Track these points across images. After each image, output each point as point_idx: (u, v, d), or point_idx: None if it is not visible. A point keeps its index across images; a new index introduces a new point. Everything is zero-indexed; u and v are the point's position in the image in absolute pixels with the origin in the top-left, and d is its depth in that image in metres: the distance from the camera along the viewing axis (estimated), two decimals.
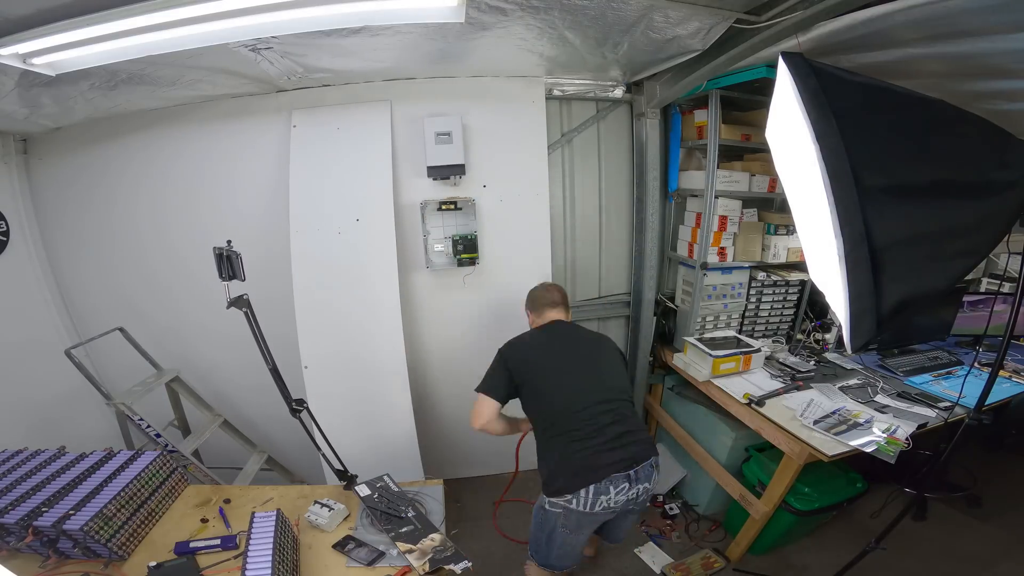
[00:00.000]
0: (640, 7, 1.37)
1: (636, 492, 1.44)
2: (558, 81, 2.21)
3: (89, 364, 2.13)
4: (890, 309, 1.24)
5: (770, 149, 1.44)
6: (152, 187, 2.18)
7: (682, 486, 2.58)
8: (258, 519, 1.33)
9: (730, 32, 1.48)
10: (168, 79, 1.73)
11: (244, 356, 1.75)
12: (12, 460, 1.52)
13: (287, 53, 1.63)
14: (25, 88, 1.57)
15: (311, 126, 2.06)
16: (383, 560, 1.34)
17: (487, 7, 1.36)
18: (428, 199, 2.15)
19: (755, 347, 2.23)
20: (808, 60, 1.24)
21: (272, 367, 1.49)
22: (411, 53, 1.77)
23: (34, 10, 1.15)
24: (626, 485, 1.41)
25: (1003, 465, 2.54)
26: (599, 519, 1.48)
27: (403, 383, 2.13)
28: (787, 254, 2.38)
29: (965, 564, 2.05)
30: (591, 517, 1.45)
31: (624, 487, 1.41)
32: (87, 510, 1.27)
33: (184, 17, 1.20)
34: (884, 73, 1.38)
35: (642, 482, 1.44)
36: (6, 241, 2.11)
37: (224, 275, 1.37)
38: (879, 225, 1.21)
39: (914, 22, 1.20)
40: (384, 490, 1.58)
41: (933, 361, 2.31)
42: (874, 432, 1.72)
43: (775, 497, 1.90)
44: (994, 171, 1.30)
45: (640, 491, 1.45)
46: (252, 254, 1.55)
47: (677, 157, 2.41)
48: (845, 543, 2.07)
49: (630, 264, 2.62)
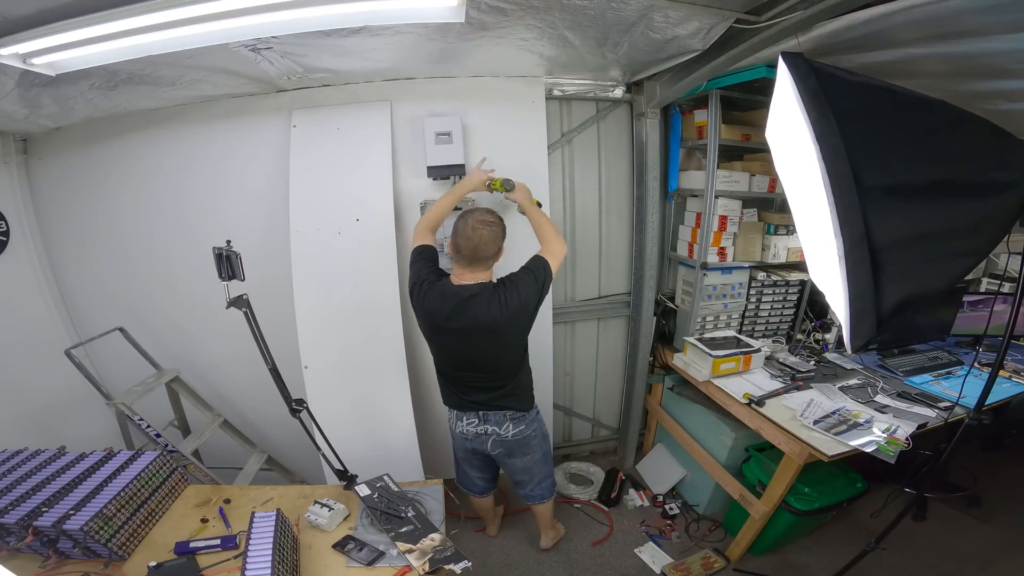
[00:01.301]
0: (640, 7, 1.36)
1: (486, 431, 1.80)
2: (558, 81, 2.21)
3: (89, 364, 2.13)
4: (890, 309, 1.24)
5: (770, 149, 1.44)
6: (152, 187, 2.18)
7: (682, 486, 2.59)
8: (258, 519, 1.33)
9: (730, 32, 1.48)
10: (168, 79, 1.73)
11: (244, 356, 1.75)
12: (12, 460, 1.52)
13: (287, 53, 1.63)
14: (25, 88, 1.57)
15: (311, 126, 2.06)
16: (383, 560, 1.34)
17: (487, 7, 1.36)
18: (428, 199, 2.15)
19: (755, 347, 2.23)
20: (808, 60, 1.24)
21: (272, 367, 1.49)
22: (411, 53, 1.77)
23: (34, 10, 1.15)
24: (475, 420, 1.79)
25: (1003, 465, 2.54)
26: (463, 442, 1.89)
27: (403, 383, 2.13)
28: (787, 254, 2.38)
29: (965, 564, 2.05)
30: (457, 437, 1.90)
31: (475, 421, 1.80)
32: (87, 510, 1.27)
33: (184, 17, 1.20)
34: (884, 73, 1.38)
35: (491, 423, 1.78)
36: (6, 241, 2.11)
37: (224, 275, 1.37)
38: (879, 225, 1.21)
39: (914, 22, 1.20)
40: (384, 490, 1.59)
41: (933, 361, 2.31)
42: (874, 432, 1.72)
43: (775, 497, 1.90)
44: (994, 171, 1.30)
45: (490, 431, 1.79)
46: (252, 254, 1.55)
47: (677, 157, 2.41)
48: (845, 543, 2.07)
49: (630, 264, 2.62)
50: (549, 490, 2.06)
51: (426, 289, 1.62)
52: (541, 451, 1.94)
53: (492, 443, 1.83)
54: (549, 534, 2.24)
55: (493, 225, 1.56)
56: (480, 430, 1.81)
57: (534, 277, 1.60)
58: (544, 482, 2.02)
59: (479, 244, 1.54)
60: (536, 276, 1.60)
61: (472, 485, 2.11)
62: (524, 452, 1.87)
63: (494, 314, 1.55)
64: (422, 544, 1.37)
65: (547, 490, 2.05)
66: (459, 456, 2.02)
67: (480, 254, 1.55)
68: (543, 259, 1.63)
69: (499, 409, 1.77)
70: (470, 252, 1.55)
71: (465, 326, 1.58)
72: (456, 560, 1.32)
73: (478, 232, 1.53)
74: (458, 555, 1.34)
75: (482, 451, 1.88)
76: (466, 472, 2.06)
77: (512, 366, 1.73)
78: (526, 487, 2.02)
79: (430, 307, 1.61)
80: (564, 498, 2.59)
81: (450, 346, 1.69)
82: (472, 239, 1.53)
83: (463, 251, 1.56)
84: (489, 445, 1.83)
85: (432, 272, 1.66)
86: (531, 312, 1.61)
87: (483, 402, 1.76)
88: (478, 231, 1.53)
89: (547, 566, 2.19)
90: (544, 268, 1.61)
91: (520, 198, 1.87)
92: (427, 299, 1.61)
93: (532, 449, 1.89)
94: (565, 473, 2.77)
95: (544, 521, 2.19)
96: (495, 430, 1.79)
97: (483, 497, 2.17)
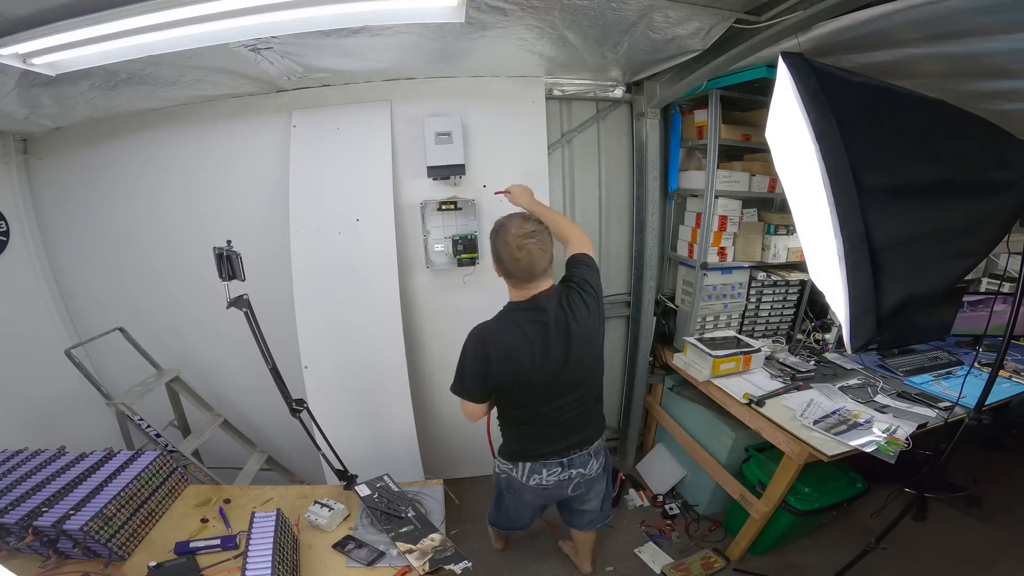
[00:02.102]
0: (640, 7, 1.36)
1: (569, 476, 1.59)
2: (558, 81, 2.21)
3: (89, 364, 2.13)
4: (890, 309, 1.24)
5: (770, 149, 1.44)
6: (152, 187, 2.18)
7: (682, 486, 2.59)
8: (258, 519, 1.33)
9: (730, 32, 1.48)
10: (168, 79, 1.73)
11: (244, 356, 1.76)
12: (12, 460, 1.52)
13: (287, 53, 1.63)
14: (25, 88, 1.57)
15: (311, 126, 2.06)
16: (383, 560, 1.34)
17: (487, 7, 1.36)
18: (428, 199, 2.15)
19: (755, 347, 2.23)
20: (808, 60, 1.24)
21: (272, 367, 1.49)
22: (411, 53, 1.77)
23: (34, 10, 1.15)
24: (559, 469, 1.58)
25: (1003, 465, 2.54)
26: (537, 493, 1.63)
27: (403, 383, 2.13)
28: (787, 254, 2.38)
29: (965, 564, 2.05)
30: (529, 489, 1.62)
31: (557, 470, 1.58)
32: (87, 510, 1.27)
33: (184, 17, 1.20)
34: (884, 73, 1.38)
35: (576, 467, 1.58)
36: (6, 241, 2.11)
37: (224, 275, 1.37)
38: (879, 225, 1.21)
39: (914, 22, 1.20)
40: (384, 490, 1.59)
41: (933, 361, 2.31)
42: (874, 432, 1.72)
43: (775, 497, 1.90)
44: (994, 171, 1.30)
45: (574, 475, 1.59)
46: (252, 254, 1.55)
47: (677, 157, 2.41)
48: (845, 543, 2.07)
49: (630, 264, 2.62)
50: (608, 512, 1.87)
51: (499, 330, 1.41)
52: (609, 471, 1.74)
53: (574, 487, 1.62)
54: (590, 558, 2.06)
55: (536, 234, 1.36)
56: (563, 476, 1.58)
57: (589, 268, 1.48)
58: (607, 502, 1.84)
59: (532, 260, 1.35)
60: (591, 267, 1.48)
61: (523, 524, 1.89)
62: (601, 480, 1.70)
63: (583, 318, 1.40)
64: (422, 544, 1.37)
65: (607, 512, 1.86)
66: (518, 505, 1.75)
67: (537, 270, 1.37)
68: (586, 255, 1.50)
69: (587, 446, 1.58)
70: (526, 272, 1.36)
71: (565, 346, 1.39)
72: (456, 560, 1.32)
73: (525, 249, 1.34)
74: (458, 555, 1.34)
75: (557, 498, 1.69)
76: (523, 515, 1.83)
77: (601, 377, 1.57)
78: (589, 516, 1.80)
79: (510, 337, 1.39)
80: None
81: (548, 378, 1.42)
82: (522, 259, 1.34)
83: (516, 274, 1.37)
84: (570, 489, 1.63)
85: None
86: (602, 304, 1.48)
87: (573, 443, 1.56)
88: (525, 247, 1.34)
89: (547, 566, 2.19)
90: (591, 262, 1.49)
91: (524, 202, 1.79)
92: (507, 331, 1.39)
93: (607, 476, 1.72)
94: None
95: (589, 547, 2.01)
96: (580, 472, 1.59)
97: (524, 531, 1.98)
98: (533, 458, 1.56)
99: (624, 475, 2.71)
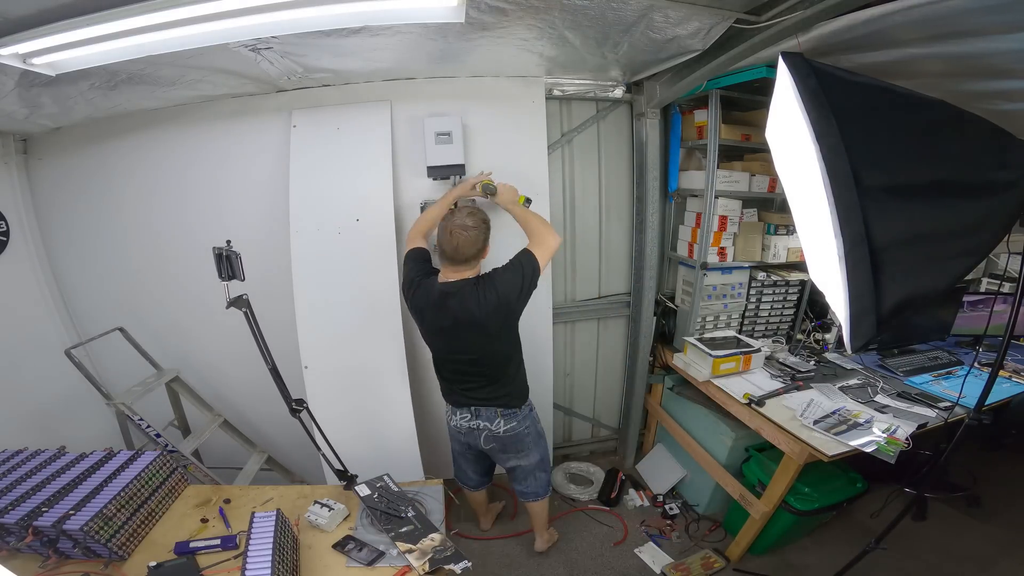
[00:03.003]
0: (640, 7, 1.36)
1: (478, 426, 1.84)
2: (558, 81, 2.21)
3: (89, 364, 2.13)
4: (890, 309, 1.24)
5: (770, 149, 1.44)
6: (152, 187, 2.18)
7: (682, 486, 2.59)
8: (258, 519, 1.33)
9: (730, 32, 1.48)
10: (168, 79, 1.73)
11: (244, 356, 1.75)
12: (12, 460, 1.52)
13: (287, 53, 1.63)
14: (25, 88, 1.57)
15: (311, 126, 2.06)
16: (383, 560, 1.34)
17: (487, 7, 1.36)
18: (428, 199, 2.15)
19: (755, 347, 2.23)
20: (808, 60, 1.24)
21: (272, 367, 1.49)
22: (411, 53, 1.77)
23: (34, 10, 1.15)
24: (468, 415, 1.85)
25: (1003, 465, 2.54)
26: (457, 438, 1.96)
27: (403, 383, 2.13)
28: (787, 254, 2.38)
29: (965, 564, 2.05)
30: (452, 432, 1.97)
31: (467, 416, 1.85)
32: (87, 510, 1.27)
33: (184, 17, 1.20)
34: (884, 73, 1.38)
35: (483, 419, 1.83)
36: (6, 241, 2.11)
37: (224, 275, 1.37)
38: (879, 225, 1.21)
39: (914, 22, 1.20)
40: (384, 490, 1.59)
41: (933, 361, 2.31)
42: (874, 432, 1.72)
43: (775, 497, 1.90)
44: (994, 171, 1.29)
45: (482, 426, 1.84)
46: (252, 254, 1.55)
47: (677, 157, 2.41)
48: (845, 543, 2.07)
49: (630, 264, 2.62)
50: (543, 488, 2.07)
51: (415, 288, 1.72)
52: (535, 448, 1.96)
53: (484, 438, 1.86)
54: (544, 536, 2.23)
55: (471, 229, 1.62)
56: (472, 425, 1.85)
57: (519, 271, 1.63)
58: (538, 480, 2.03)
59: (459, 246, 1.61)
60: (521, 270, 1.63)
61: (467, 479, 2.16)
62: (517, 449, 1.90)
63: (471, 309, 1.61)
64: (422, 544, 1.37)
65: (541, 488, 2.06)
66: (455, 450, 2.08)
67: (461, 255, 1.62)
68: (529, 252, 1.67)
69: (491, 405, 1.81)
70: (452, 253, 1.63)
71: (449, 323, 1.66)
72: (456, 560, 1.32)
73: (456, 236, 1.60)
74: (458, 555, 1.34)
75: (475, 446, 1.92)
76: (461, 466, 2.12)
77: (502, 359, 1.76)
78: (520, 484, 2.04)
79: (418, 305, 1.72)
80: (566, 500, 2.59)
81: (440, 342, 1.78)
82: (451, 242, 1.61)
83: (446, 252, 1.65)
84: (482, 440, 1.87)
85: (421, 272, 1.76)
86: (513, 306, 1.64)
87: (476, 397, 1.81)
88: (456, 235, 1.60)
89: (547, 566, 2.20)
90: (529, 261, 1.64)
91: (503, 200, 1.90)
92: (415, 298, 1.72)
93: (526, 446, 1.91)
94: (565, 473, 2.77)
95: (539, 521, 2.18)
96: (487, 425, 1.83)
97: (476, 491, 2.22)
98: (451, 401, 1.90)
99: (624, 475, 2.71)
